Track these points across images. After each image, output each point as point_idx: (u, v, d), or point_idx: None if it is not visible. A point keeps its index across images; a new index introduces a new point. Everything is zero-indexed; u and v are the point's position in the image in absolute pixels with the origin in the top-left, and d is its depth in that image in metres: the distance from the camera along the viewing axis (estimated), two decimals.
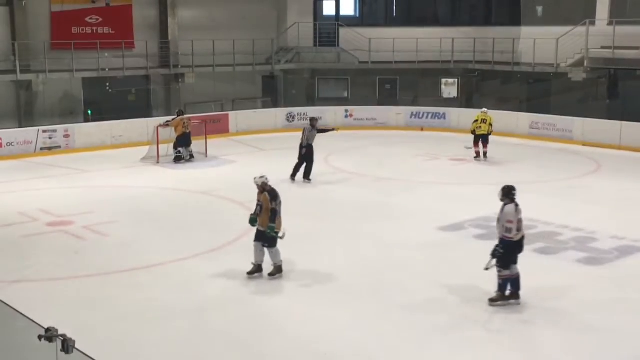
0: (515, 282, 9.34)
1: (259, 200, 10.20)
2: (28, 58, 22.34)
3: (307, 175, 16.90)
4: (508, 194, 9.39)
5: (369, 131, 24.74)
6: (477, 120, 19.59)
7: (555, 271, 10.70)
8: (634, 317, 8.98)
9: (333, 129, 18.75)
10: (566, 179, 17.30)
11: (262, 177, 10.24)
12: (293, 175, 16.91)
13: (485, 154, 19.62)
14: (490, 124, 19.55)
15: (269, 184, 10.26)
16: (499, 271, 9.27)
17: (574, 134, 22.60)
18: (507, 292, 9.34)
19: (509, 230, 9.15)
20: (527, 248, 11.62)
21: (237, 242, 12.08)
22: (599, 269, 10.77)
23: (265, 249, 10.22)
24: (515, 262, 9.31)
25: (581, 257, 11.26)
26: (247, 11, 27.49)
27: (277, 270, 10.28)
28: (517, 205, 9.27)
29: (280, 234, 10.17)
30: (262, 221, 10.15)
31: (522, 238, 9.35)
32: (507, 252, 9.20)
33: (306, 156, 16.92)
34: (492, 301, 9.29)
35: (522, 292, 9.44)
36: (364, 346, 8.14)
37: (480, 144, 19.57)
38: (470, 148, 19.63)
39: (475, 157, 19.62)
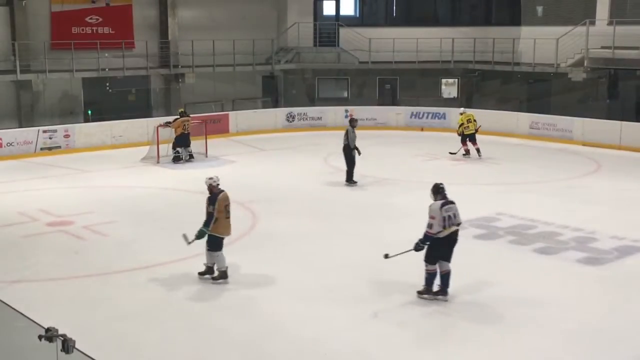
0: (443, 278, 9.41)
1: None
2: (28, 58, 22.35)
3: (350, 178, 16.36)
4: (436, 191, 9.63)
5: (369, 131, 24.73)
6: (462, 123, 19.82)
7: (555, 271, 10.70)
8: (634, 317, 8.98)
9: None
10: (566, 179, 17.30)
11: (210, 178, 10.08)
12: (349, 179, 16.33)
13: (478, 150, 19.81)
14: (475, 121, 19.85)
15: (219, 186, 10.11)
16: (425, 265, 9.45)
17: (574, 134, 22.60)
18: (436, 288, 9.43)
19: (429, 225, 9.30)
20: (527, 248, 11.73)
21: (237, 242, 12.06)
22: (599, 269, 10.77)
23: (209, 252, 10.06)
24: (444, 258, 9.38)
25: (581, 257, 11.25)
26: (247, 11, 27.50)
27: (221, 276, 10.01)
28: (446, 203, 9.41)
29: (189, 239, 9.97)
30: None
31: (453, 234, 9.37)
32: (430, 247, 9.36)
33: (350, 157, 16.25)
34: (419, 293, 9.48)
35: (521, 293, 9.50)
36: (364, 346, 8.14)
37: (470, 143, 19.79)
38: (455, 153, 19.89)
39: (464, 155, 19.89)
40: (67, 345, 4.71)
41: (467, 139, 19.81)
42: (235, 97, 27.11)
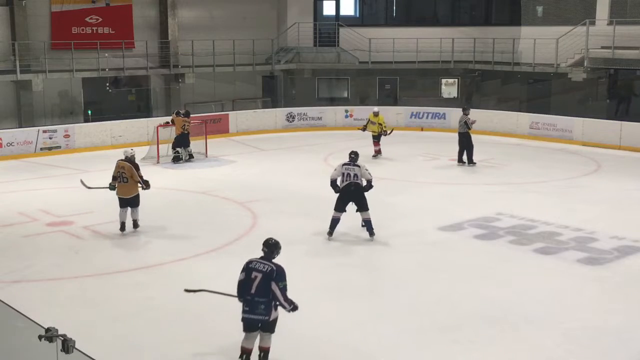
0: (366, 224, 12.02)
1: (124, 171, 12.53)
2: (28, 58, 22.34)
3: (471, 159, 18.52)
4: (355, 158, 12.10)
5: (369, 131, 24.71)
6: (373, 122, 19.98)
7: (555, 271, 10.70)
8: (634, 317, 8.97)
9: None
10: (566, 179, 17.29)
11: (132, 149, 13.29)
12: (461, 160, 18.56)
13: (379, 152, 20.03)
14: (380, 124, 19.89)
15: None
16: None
17: (574, 134, 22.60)
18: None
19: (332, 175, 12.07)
20: (527, 248, 11.74)
21: (237, 242, 12.09)
22: (599, 269, 10.76)
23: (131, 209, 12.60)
24: (337, 209, 11.95)
25: (581, 257, 11.25)
26: (247, 11, 27.51)
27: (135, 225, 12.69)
28: (347, 164, 11.92)
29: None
30: (128, 189, 12.49)
31: (346, 187, 11.83)
32: (337, 199, 12.01)
33: (467, 141, 18.49)
34: (329, 235, 12.00)
35: (521, 293, 9.58)
36: (364, 346, 8.14)
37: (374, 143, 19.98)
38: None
39: (373, 156, 19.88)
40: (67, 345, 4.71)
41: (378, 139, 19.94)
42: (235, 97, 27.12)
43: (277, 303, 7.37)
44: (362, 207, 11.96)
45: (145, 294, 9.73)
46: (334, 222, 12.02)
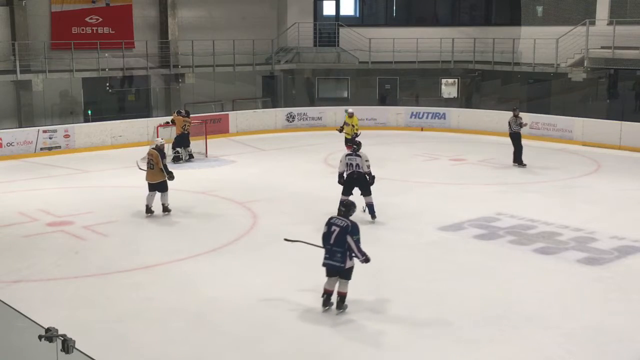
0: (369, 208, 13.07)
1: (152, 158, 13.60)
2: (28, 58, 22.36)
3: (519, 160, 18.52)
4: (357, 148, 13.16)
5: (369, 131, 24.72)
6: (347, 124, 19.43)
7: (555, 271, 10.70)
8: (634, 317, 8.97)
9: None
10: (566, 179, 17.29)
11: (162, 139, 14.49)
12: (517, 160, 18.55)
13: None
14: (353, 125, 19.29)
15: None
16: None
17: (574, 134, 22.60)
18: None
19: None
20: (527, 248, 11.74)
21: (237, 242, 12.09)
22: (599, 269, 10.76)
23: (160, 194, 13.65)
24: (344, 193, 12.82)
25: (581, 257, 11.25)
26: (247, 11, 27.52)
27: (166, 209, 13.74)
28: (350, 154, 13.07)
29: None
30: (154, 175, 13.60)
31: (350, 175, 12.97)
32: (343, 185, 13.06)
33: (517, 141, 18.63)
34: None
35: (521, 293, 9.59)
36: (364, 346, 8.14)
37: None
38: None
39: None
40: (67, 345, 4.70)
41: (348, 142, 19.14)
42: (235, 97, 27.12)
43: (352, 254, 8.76)
44: (366, 192, 13.03)
45: (145, 294, 9.73)
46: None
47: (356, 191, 13.04)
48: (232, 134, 24.18)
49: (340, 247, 8.75)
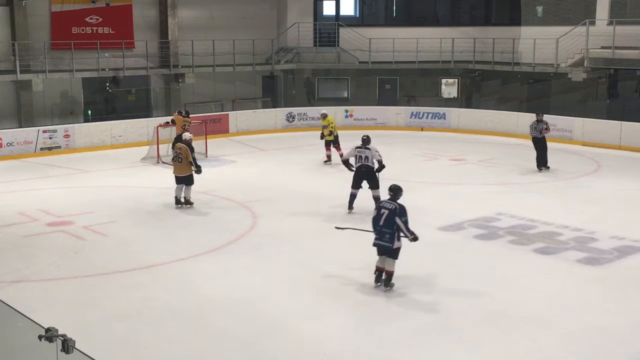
0: (350, 197, 13.68)
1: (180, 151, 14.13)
2: (28, 58, 22.36)
3: (542, 164, 18.01)
4: (367, 141, 13.69)
5: (369, 131, 24.65)
6: (324, 126, 19.13)
7: (555, 271, 10.70)
8: (634, 317, 8.97)
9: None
10: (566, 179, 17.29)
11: (190, 134, 15.06)
12: (540, 164, 18.03)
13: (329, 157, 19.20)
14: (328, 125, 19.02)
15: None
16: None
17: (574, 134, 22.59)
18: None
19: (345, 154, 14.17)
20: (527, 248, 11.74)
21: (237, 242, 12.09)
22: (599, 269, 10.76)
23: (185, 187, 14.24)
24: (353, 186, 13.62)
25: (581, 257, 11.25)
26: (247, 11, 27.52)
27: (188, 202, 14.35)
28: (360, 147, 13.58)
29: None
30: (182, 169, 14.15)
31: (358, 168, 13.58)
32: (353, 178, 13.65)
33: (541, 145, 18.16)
34: (349, 209, 13.73)
35: (521, 293, 9.63)
36: (365, 346, 8.14)
37: (334, 148, 19.06)
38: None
39: (325, 162, 19.25)
40: (67, 345, 4.71)
41: (332, 144, 19.06)
42: (235, 97, 27.13)
43: (401, 234, 9.55)
44: (373, 185, 13.61)
45: (145, 294, 9.73)
46: (352, 197, 13.73)
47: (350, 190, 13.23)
48: (232, 134, 24.17)
49: (389, 228, 9.51)
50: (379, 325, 8.67)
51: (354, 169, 13.71)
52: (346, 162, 13.93)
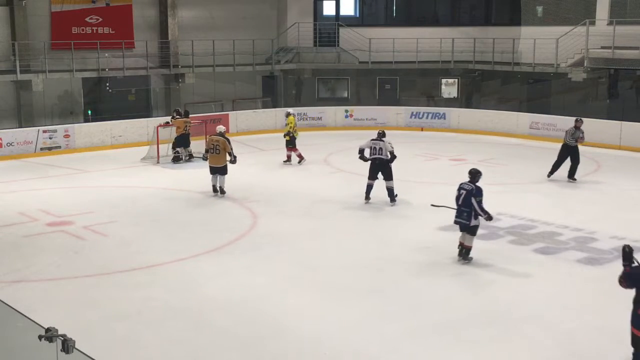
0: (388, 192, 14.39)
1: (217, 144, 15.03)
2: (28, 58, 22.35)
3: (572, 174, 16.92)
4: (382, 135, 14.50)
5: (369, 131, 24.68)
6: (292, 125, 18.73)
7: (555, 271, 10.70)
8: None
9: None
10: (566, 179, 17.28)
11: (223, 127, 15.97)
12: (571, 175, 16.85)
13: (289, 157, 19.01)
14: (288, 124, 18.63)
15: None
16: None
17: None
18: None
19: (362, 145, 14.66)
20: (527, 248, 11.73)
21: (237, 242, 12.09)
22: (599, 269, 10.76)
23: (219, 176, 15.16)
24: (370, 177, 14.39)
25: (581, 257, 11.25)
26: (247, 11, 27.52)
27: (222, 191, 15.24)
28: (375, 139, 14.32)
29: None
30: (219, 160, 15.06)
31: (373, 160, 14.32)
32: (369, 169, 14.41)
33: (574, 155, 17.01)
34: (366, 199, 14.40)
35: (521, 293, 9.60)
36: (365, 346, 8.14)
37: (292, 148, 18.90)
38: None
39: (285, 161, 19.04)
40: (67, 345, 4.71)
41: (287, 144, 18.84)
42: (235, 97, 27.12)
43: (477, 213, 10.39)
44: (387, 177, 14.37)
45: (145, 294, 9.73)
46: (368, 188, 14.47)
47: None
48: (232, 134, 24.09)
49: (467, 207, 10.47)
50: (379, 325, 8.67)
51: (368, 159, 14.41)
52: (361, 151, 14.57)
